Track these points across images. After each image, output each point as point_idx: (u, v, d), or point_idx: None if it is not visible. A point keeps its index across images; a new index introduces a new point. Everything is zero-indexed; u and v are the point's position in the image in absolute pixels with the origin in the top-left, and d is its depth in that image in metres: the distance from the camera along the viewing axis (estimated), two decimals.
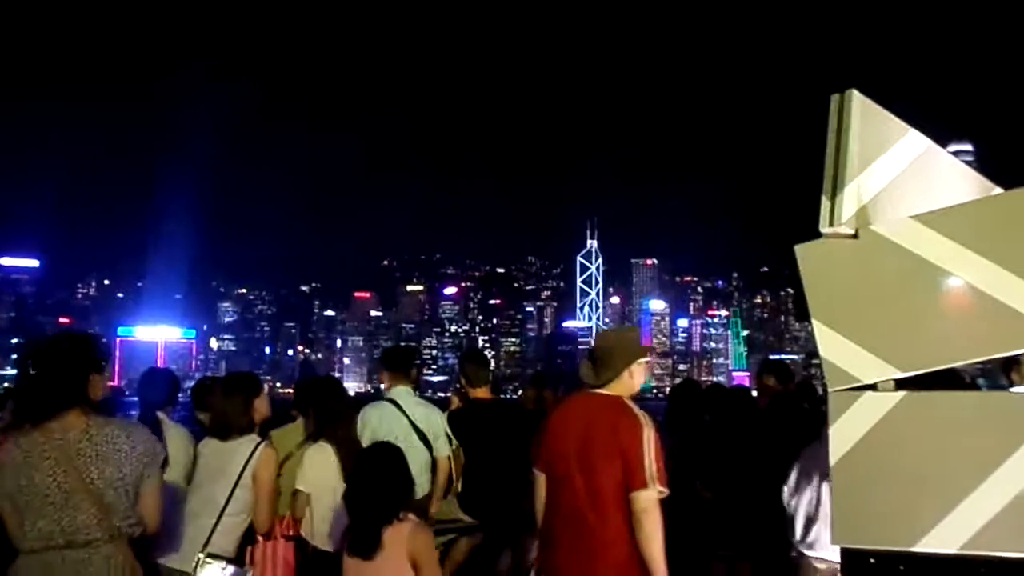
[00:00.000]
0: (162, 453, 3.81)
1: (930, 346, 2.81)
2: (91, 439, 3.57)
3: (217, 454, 5.22)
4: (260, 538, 5.25)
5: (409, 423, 6.78)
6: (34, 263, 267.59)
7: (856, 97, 2.94)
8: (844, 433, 2.84)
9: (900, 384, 2.84)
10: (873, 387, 2.84)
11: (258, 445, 5.22)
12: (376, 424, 6.70)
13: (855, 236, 2.89)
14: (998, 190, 3.09)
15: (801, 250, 2.97)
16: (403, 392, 6.97)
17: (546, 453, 4.78)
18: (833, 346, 2.89)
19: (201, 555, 4.93)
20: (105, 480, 3.54)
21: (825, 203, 2.92)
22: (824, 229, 2.91)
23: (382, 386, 7.32)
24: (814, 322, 2.92)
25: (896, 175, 2.98)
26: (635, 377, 4.67)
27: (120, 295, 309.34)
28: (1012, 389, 3.79)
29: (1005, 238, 2.76)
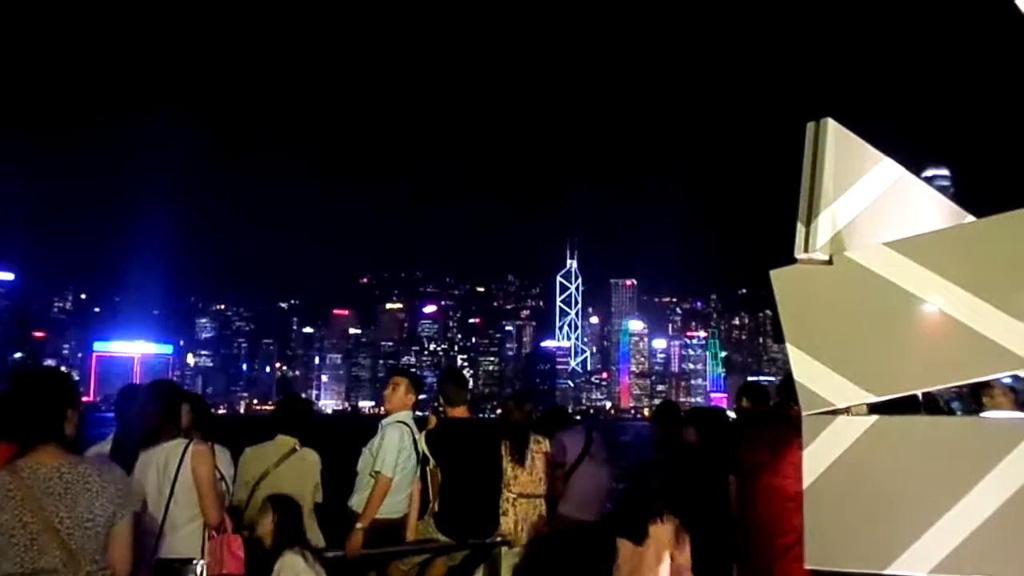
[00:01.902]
0: (138, 496, 3.65)
1: (902, 371, 2.83)
2: (62, 477, 3.40)
3: (149, 461, 5.24)
4: (214, 532, 5.30)
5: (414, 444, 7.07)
6: (9, 276, 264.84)
7: (831, 125, 2.97)
8: (817, 456, 2.85)
9: (873, 408, 2.87)
10: (846, 411, 2.86)
11: (188, 445, 5.26)
12: (402, 443, 6.97)
13: (829, 262, 2.91)
14: (970, 218, 3.13)
15: (776, 275, 2.99)
16: (409, 415, 7.23)
17: (738, 460, 5.88)
18: (807, 370, 2.90)
19: (153, 564, 4.97)
20: (74, 520, 3.36)
21: (800, 229, 2.94)
22: (799, 255, 2.93)
23: (384, 406, 7.43)
24: (788, 346, 2.93)
25: (870, 202, 3.01)
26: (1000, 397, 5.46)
27: (97, 309, 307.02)
28: (982, 414, 3.84)
29: (976, 265, 2.79)
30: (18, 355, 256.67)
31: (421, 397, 7.61)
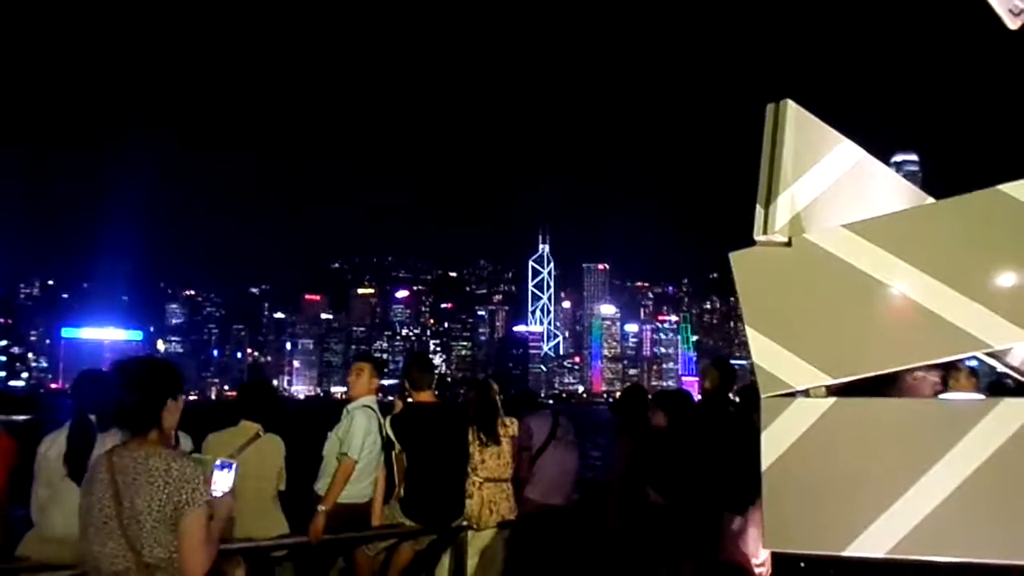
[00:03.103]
0: (204, 494, 3.61)
1: (860, 353, 2.82)
2: (135, 467, 3.53)
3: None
4: None
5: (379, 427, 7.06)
6: None
7: (791, 107, 2.95)
8: (776, 439, 2.84)
9: (833, 391, 2.86)
10: (805, 393, 2.85)
11: None
12: (369, 427, 6.94)
13: (788, 244, 2.89)
14: (930, 200, 3.13)
15: (735, 258, 2.97)
16: (374, 400, 7.18)
17: None
18: (766, 353, 2.89)
19: None
20: (132, 512, 3.47)
21: (759, 211, 2.92)
22: (758, 237, 2.91)
23: (349, 392, 7.38)
24: (748, 329, 2.92)
25: (830, 184, 2.99)
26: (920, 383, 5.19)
27: (64, 295, 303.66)
28: (941, 396, 3.84)
29: (934, 247, 2.79)
30: (3, 343, 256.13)
31: (393, 382, 7.60)
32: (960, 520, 2.64)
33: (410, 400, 7.14)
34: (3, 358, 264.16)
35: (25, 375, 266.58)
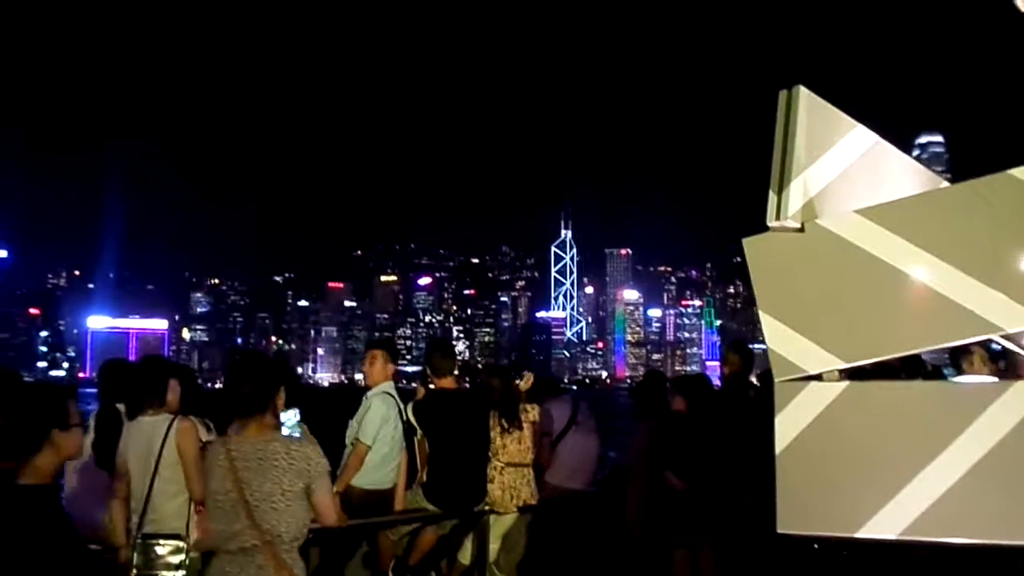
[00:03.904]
0: (326, 465, 4.00)
1: (872, 337, 2.85)
2: (256, 453, 3.84)
3: (133, 436, 5.21)
4: (200, 507, 5.29)
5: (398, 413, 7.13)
6: (3, 253, 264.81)
7: (803, 93, 2.97)
8: (789, 422, 2.87)
9: (847, 374, 2.89)
10: (818, 377, 2.88)
11: (173, 420, 5.23)
12: (387, 413, 7.02)
13: (801, 230, 2.92)
14: (944, 184, 3.14)
15: (748, 243, 3.00)
16: (392, 385, 7.26)
17: None
18: (780, 337, 2.92)
19: (138, 540, 4.96)
20: (262, 493, 3.78)
21: (772, 197, 2.94)
22: (771, 223, 2.94)
23: (366, 380, 7.41)
24: (761, 314, 2.95)
25: (843, 170, 3.01)
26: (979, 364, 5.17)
27: (91, 285, 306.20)
28: (954, 379, 3.85)
29: (946, 232, 2.80)
30: (44, 333, 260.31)
31: (417, 368, 7.70)
32: (971, 502, 2.67)
33: (432, 386, 7.19)
34: (44, 348, 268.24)
35: (66, 365, 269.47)
